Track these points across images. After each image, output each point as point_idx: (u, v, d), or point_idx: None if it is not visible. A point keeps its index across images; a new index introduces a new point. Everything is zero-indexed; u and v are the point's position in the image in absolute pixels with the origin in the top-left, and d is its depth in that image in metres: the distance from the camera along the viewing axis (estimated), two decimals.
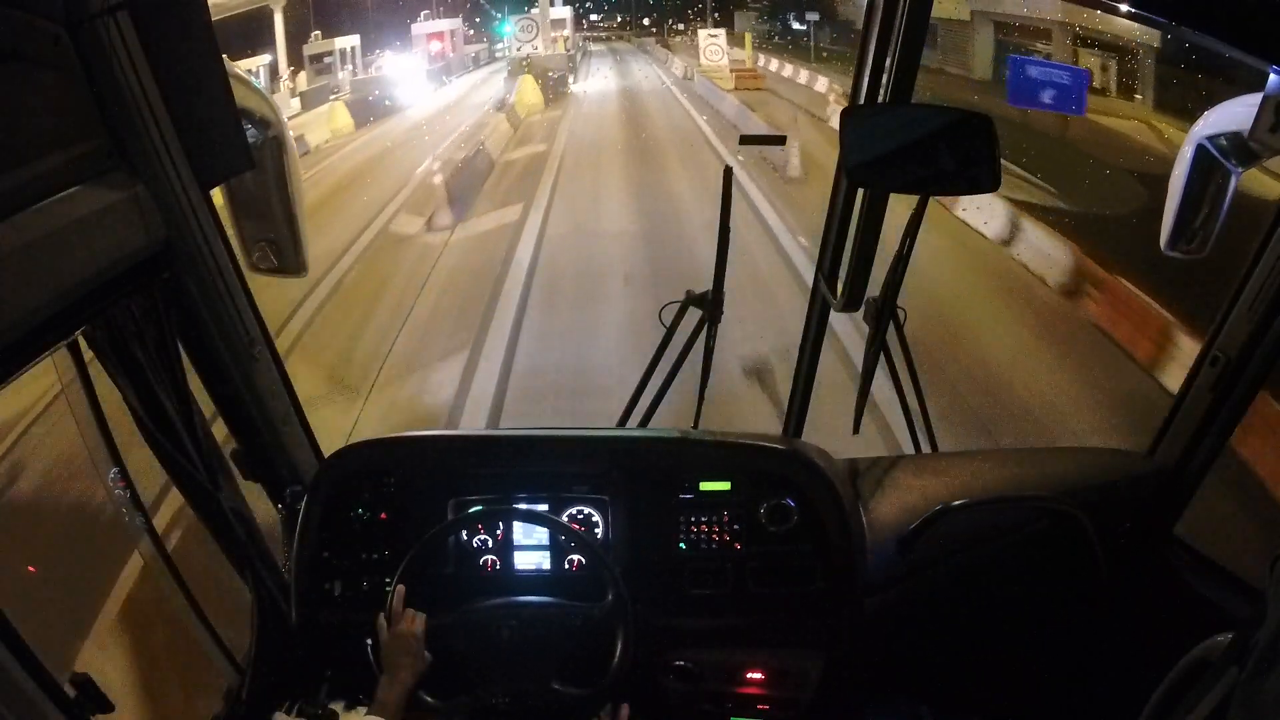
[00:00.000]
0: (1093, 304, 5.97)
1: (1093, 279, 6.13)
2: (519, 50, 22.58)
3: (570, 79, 23.62)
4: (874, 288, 1.79)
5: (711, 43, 22.67)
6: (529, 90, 19.48)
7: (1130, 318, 5.42)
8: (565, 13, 29.44)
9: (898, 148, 1.39)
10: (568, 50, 26.42)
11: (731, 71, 20.88)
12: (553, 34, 24.65)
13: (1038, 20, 14.07)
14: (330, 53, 22.28)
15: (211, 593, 1.73)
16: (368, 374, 5.72)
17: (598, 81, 26.31)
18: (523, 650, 1.52)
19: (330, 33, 23.48)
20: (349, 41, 23.09)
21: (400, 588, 1.55)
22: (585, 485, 1.72)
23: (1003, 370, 5.24)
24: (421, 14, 27.46)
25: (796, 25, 32.94)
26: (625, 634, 1.52)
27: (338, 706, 1.71)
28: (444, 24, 27.89)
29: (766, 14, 38.14)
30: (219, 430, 1.60)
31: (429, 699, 1.49)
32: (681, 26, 50.23)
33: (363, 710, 1.47)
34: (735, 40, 25.05)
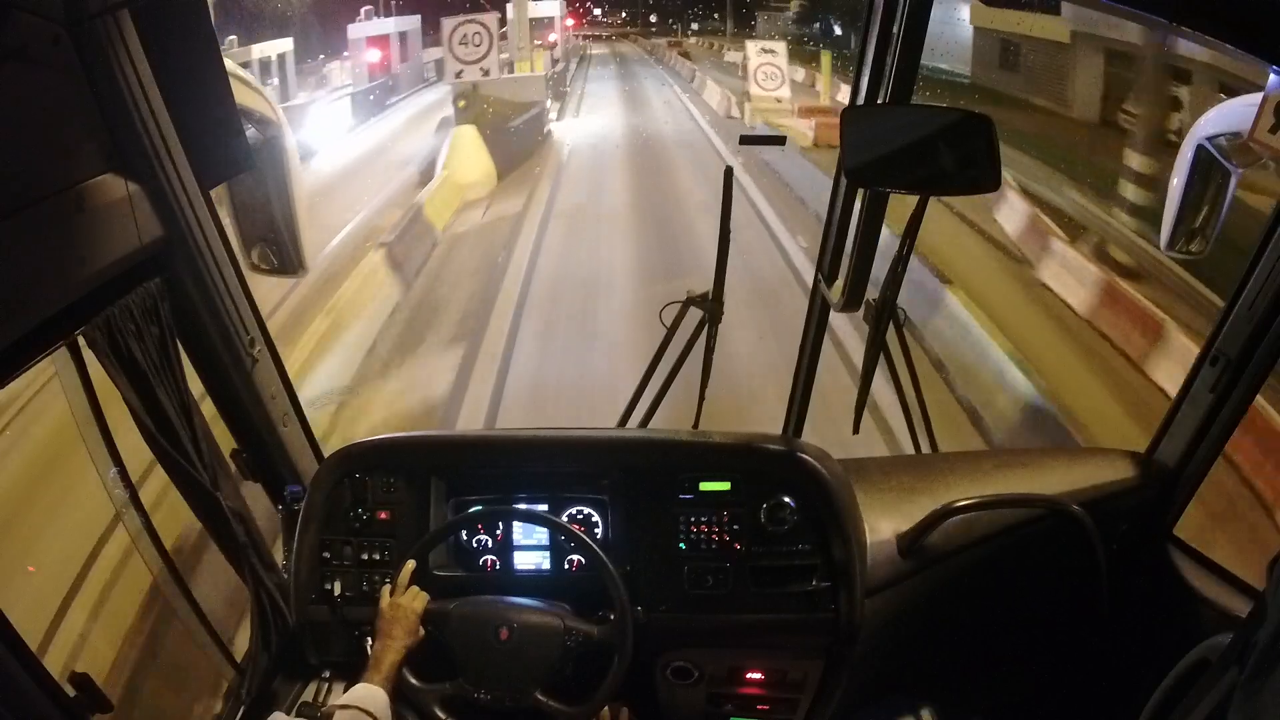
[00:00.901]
0: None
1: None
2: (459, 76, 11.36)
3: (552, 115, 15.11)
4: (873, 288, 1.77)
5: (766, 64, 13.58)
6: (465, 162, 10.83)
7: None
8: (553, 8, 18.71)
9: (898, 148, 1.39)
10: (551, 69, 17.04)
11: (804, 113, 13.42)
12: (533, 43, 15.15)
13: (1173, 57, 9.87)
14: (248, 64, 14.31)
15: (211, 593, 1.73)
16: None
17: (595, 118, 16.79)
18: (515, 654, 1.52)
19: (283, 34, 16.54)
20: (275, 48, 15.69)
21: (410, 563, 1.57)
22: (585, 485, 1.72)
23: None
24: (363, 10, 18.41)
25: (840, 30, 25.11)
26: (621, 659, 1.52)
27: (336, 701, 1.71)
28: (388, 24, 18.77)
29: (800, 15, 32.36)
30: (219, 430, 1.60)
31: (412, 679, 1.50)
32: (695, 27, 44.08)
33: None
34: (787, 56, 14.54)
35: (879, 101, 1.53)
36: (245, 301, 1.52)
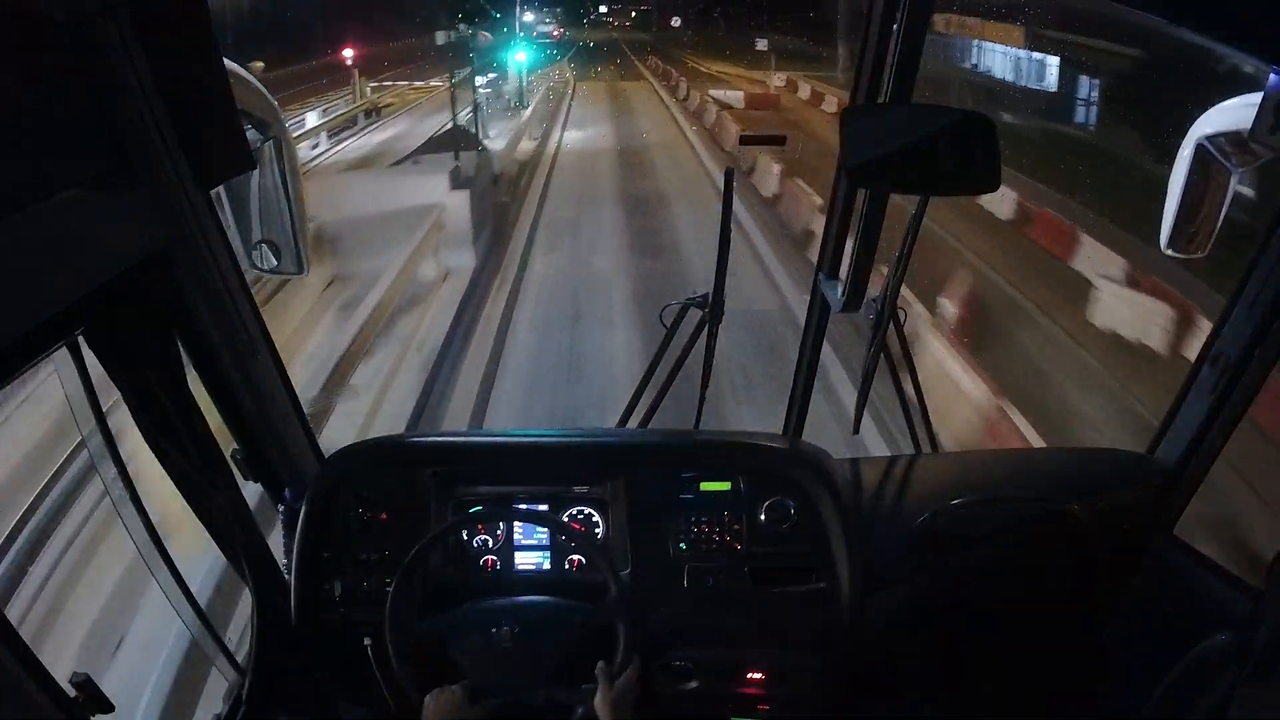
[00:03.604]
0: None
1: None
2: None
3: None
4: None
5: None
6: None
7: None
8: None
9: (898, 148, 1.38)
10: None
11: None
12: None
13: None
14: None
15: (211, 593, 1.73)
16: None
17: None
18: (522, 651, 1.52)
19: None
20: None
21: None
22: (585, 485, 1.72)
23: None
24: None
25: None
26: (625, 632, 1.52)
27: (336, 706, 1.72)
28: None
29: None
30: (219, 430, 1.60)
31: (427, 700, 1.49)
32: (764, 46, 22.90)
33: None
34: None
35: (879, 101, 1.53)
36: (245, 301, 1.52)
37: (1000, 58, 16.01)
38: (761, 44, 23.04)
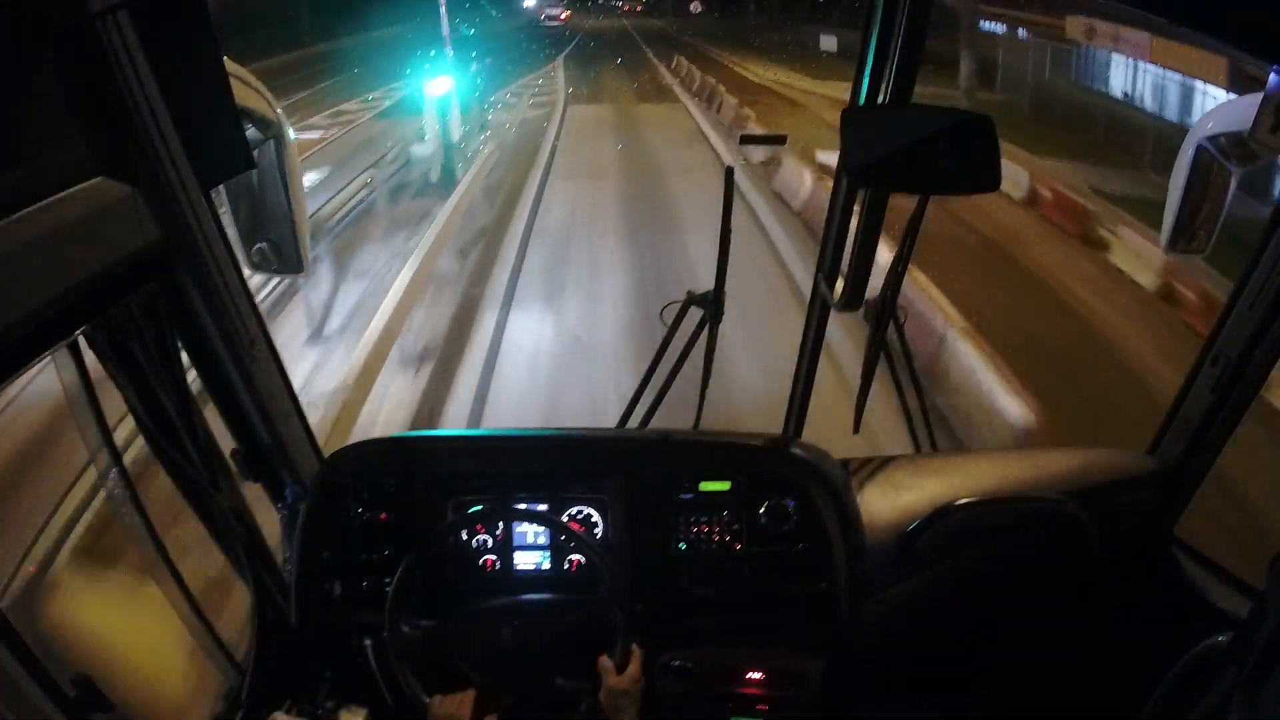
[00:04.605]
0: None
1: None
2: None
3: None
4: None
5: None
6: None
7: None
8: None
9: (898, 148, 1.38)
10: None
11: None
12: None
13: None
14: None
15: (211, 593, 1.73)
16: None
17: None
18: (523, 649, 1.52)
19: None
20: None
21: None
22: (585, 485, 1.72)
23: None
24: None
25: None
26: (624, 622, 1.52)
27: (336, 706, 1.71)
28: None
29: None
30: (219, 430, 1.60)
31: (429, 700, 1.49)
32: (830, 45, 16.42)
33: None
34: None
35: (879, 101, 1.53)
36: (245, 301, 1.52)
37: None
38: (828, 43, 15.58)
